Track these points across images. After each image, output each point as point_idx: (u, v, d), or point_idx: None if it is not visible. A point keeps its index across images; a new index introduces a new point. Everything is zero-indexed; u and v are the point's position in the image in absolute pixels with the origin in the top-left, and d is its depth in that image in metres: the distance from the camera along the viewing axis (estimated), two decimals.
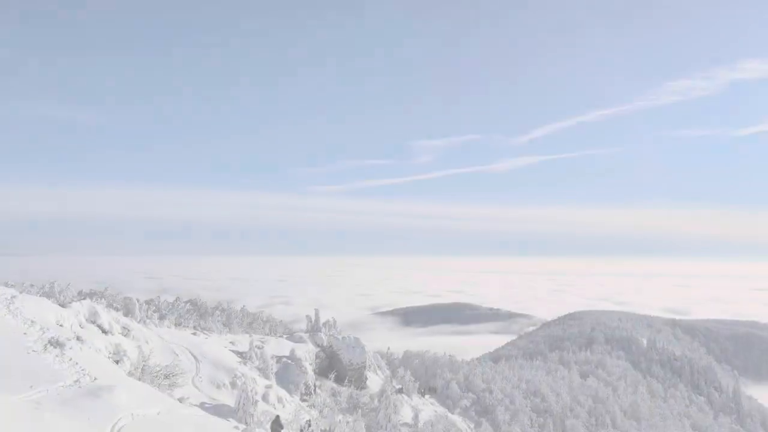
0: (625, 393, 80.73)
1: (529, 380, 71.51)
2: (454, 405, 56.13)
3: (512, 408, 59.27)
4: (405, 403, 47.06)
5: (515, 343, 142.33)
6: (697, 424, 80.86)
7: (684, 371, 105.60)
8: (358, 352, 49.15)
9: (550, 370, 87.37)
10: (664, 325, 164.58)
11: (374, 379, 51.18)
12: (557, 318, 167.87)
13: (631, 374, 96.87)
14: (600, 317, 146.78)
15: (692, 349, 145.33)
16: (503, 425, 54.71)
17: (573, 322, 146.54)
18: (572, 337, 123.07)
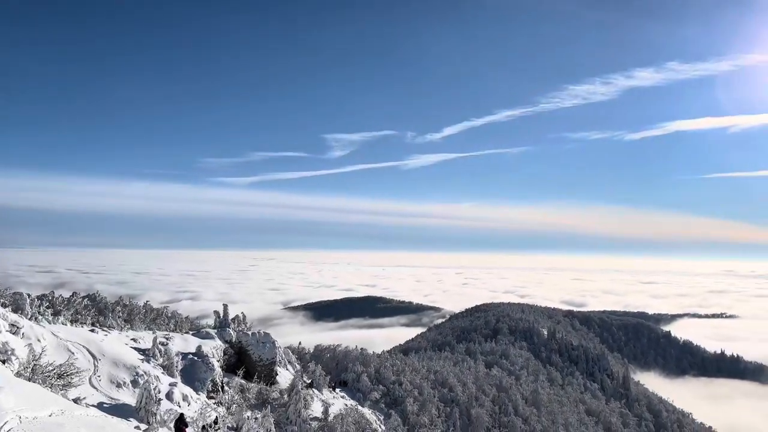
0: (526, 381, 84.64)
1: (438, 371, 73.35)
2: (365, 398, 56.61)
3: (421, 399, 60.57)
4: (315, 397, 46.90)
5: (425, 335, 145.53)
6: (591, 409, 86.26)
7: (580, 360, 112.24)
8: (268, 348, 48.36)
9: (458, 361, 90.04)
10: (563, 317, 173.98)
11: (285, 375, 50.62)
12: (465, 310, 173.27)
13: (532, 363, 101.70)
14: (505, 309, 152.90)
15: (588, 338, 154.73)
16: (411, 416, 55.82)
17: (479, 314, 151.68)
18: (478, 329, 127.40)
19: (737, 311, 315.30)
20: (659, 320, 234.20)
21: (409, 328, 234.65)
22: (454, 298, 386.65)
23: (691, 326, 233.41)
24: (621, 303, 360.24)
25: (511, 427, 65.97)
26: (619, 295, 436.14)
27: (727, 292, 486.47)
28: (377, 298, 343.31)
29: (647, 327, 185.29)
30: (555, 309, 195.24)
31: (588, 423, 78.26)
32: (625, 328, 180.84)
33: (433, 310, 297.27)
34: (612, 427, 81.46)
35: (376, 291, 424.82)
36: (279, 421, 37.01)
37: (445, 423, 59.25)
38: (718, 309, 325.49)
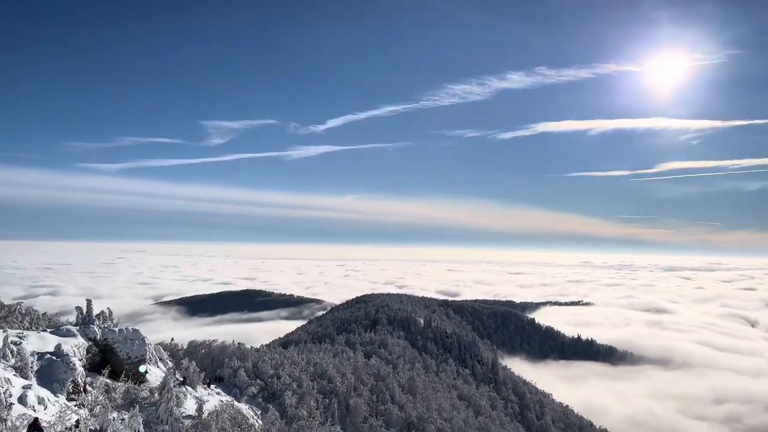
0: (403, 370, 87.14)
1: (317, 363, 73.40)
2: (242, 393, 55.34)
3: (299, 391, 60.32)
4: (189, 394, 45.10)
5: (305, 327, 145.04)
6: (462, 394, 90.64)
7: (454, 347, 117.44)
8: (137, 345, 45.70)
9: (338, 353, 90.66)
10: (438, 306, 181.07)
11: (156, 373, 48.14)
12: (346, 302, 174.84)
13: (409, 352, 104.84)
14: (384, 300, 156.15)
15: (461, 327, 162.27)
16: (290, 409, 55.44)
17: (360, 305, 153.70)
18: (358, 320, 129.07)
19: (592, 299, 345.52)
20: (525, 308, 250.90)
21: (289, 321, 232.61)
22: (336, 290, 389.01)
23: (552, 313, 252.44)
24: (491, 292, 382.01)
25: (388, 415, 67.67)
26: (490, 285, 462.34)
27: (583, 282, 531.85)
28: (257, 291, 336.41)
29: (514, 315, 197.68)
30: (431, 299, 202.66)
31: (459, 407, 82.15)
32: (495, 316, 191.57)
33: (315, 302, 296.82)
34: (481, 410, 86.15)
35: (255, 284, 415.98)
36: (149, 421, 35.18)
37: (324, 414, 59.50)
38: (575, 297, 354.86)
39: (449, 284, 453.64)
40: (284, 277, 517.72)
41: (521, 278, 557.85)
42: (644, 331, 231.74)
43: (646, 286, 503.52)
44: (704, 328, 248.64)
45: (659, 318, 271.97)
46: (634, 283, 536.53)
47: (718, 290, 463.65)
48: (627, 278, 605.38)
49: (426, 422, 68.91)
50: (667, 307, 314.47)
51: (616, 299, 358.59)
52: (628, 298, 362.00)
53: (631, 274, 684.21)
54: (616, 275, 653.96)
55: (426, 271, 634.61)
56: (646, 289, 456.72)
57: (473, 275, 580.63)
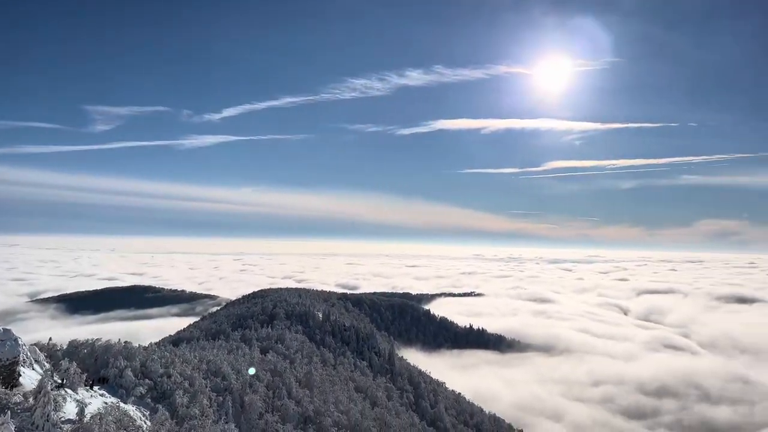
0: (300, 364, 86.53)
1: (211, 360, 71.15)
2: (128, 394, 52.47)
3: (191, 390, 58.18)
4: (69, 398, 42.14)
5: (198, 324, 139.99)
6: (359, 386, 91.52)
7: (351, 340, 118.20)
8: (8, 346, 42.01)
9: (232, 349, 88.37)
10: (337, 300, 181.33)
11: (31, 376, 44.52)
12: (242, 297, 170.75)
13: (307, 346, 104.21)
14: (282, 295, 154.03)
15: (359, 319, 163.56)
16: (181, 408, 53.33)
17: (257, 300, 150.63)
18: (255, 315, 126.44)
19: (483, 290, 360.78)
20: (421, 300, 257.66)
21: (181, 318, 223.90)
22: (232, 285, 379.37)
23: (446, 304, 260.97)
24: (389, 285, 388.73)
25: (285, 410, 66.96)
26: (388, 278, 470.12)
27: (475, 274, 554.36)
28: (145, 287, 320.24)
29: (411, 306, 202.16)
30: (330, 292, 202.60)
31: (356, 399, 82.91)
32: (392, 308, 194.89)
33: (209, 298, 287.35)
34: (378, 401, 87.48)
35: (144, 280, 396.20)
36: (22, 428, 32.53)
37: (217, 412, 57.82)
38: (468, 288, 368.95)
39: (348, 277, 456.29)
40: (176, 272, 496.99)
41: (418, 271, 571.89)
42: (530, 320, 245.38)
43: (532, 277, 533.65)
44: (583, 317, 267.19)
45: (544, 307, 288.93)
46: (522, 274, 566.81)
47: (596, 281, 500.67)
48: (515, 270, 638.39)
49: (323, 416, 68.94)
50: (551, 297, 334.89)
51: (505, 290, 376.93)
52: (516, 289, 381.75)
53: (519, 267, 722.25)
54: (506, 267, 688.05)
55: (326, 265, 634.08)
56: (532, 281, 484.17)
57: (372, 268, 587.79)
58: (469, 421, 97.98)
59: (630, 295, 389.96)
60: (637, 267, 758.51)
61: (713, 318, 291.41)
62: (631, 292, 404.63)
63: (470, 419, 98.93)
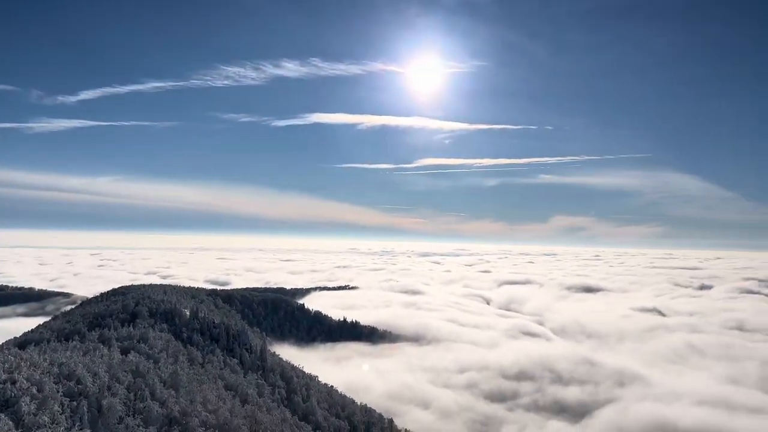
0: (165, 364, 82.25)
1: (63, 363, 65.44)
2: None
3: (40, 396, 53.12)
4: None
5: (49, 324, 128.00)
6: (229, 384, 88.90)
7: (221, 337, 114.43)
8: None
9: (89, 350, 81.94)
10: (206, 296, 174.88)
11: None
12: (99, 295, 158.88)
13: (173, 345, 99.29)
14: (145, 291, 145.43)
15: (230, 316, 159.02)
16: (28, 417, 48.52)
17: (117, 297, 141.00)
18: (115, 314, 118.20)
19: (357, 283, 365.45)
20: (295, 294, 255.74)
21: (28, 318, 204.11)
22: (88, 281, 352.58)
23: (321, 298, 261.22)
24: (262, 280, 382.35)
25: (147, 413, 63.30)
26: (261, 273, 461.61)
27: (350, 267, 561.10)
28: None
29: (284, 301, 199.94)
30: (199, 288, 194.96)
31: (226, 397, 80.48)
32: (265, 303, 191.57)
33: (62, 296, 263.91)
34: (249, 398, 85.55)
35: None
36: None
37: (71, 419, 53.36)
38: (342, 282, 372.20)
39: (219, 273, 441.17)
40: (22, 268, 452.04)
41: (292, 265, 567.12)
42: (402, 312, 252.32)
43: (404, 270, 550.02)
44: (450, 307, 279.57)
45: (414, 299, 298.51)
46: (394, 267, 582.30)
47: (462, 273, 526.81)
48: (388, 263, 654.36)
49: (189, 416, 66.16)
50: (421, 289, 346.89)
51: (379, 283, 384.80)
52: (388, 282, 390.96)
53: (392, 260, 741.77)
54: (379, 261, 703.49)
55: (194, 260, 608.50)
56: (404, 273, 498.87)
57: (244, 263, 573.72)
58: (341, 414, 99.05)
59: (492, 285, 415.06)
60: (499, 260, 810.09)
61: (564, 306, 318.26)
62: (494, 283, 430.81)
63: (342, 411, 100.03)
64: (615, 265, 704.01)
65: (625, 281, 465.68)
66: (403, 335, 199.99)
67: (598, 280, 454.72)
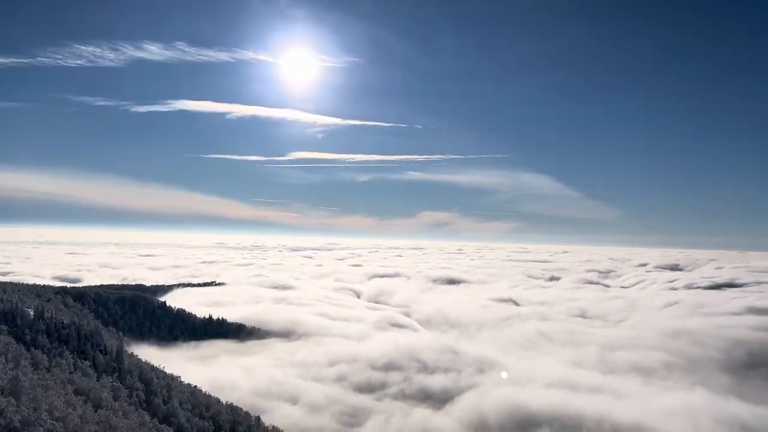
0: (5, 370, 74.09)
1: None
2: None
3: None
4: None
5: None
6: (80, 389, 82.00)
7: (71, 338, 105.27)
8: None
9: None
10: (54, 294, 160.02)
11: None
12: None
13: (14, 348, 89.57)
14: None
15: (82, 315, 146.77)
16: None
17: None
18: None
19: (224, 279, 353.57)
20: (156, 291, 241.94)
21: None
22: None
23: (184, 295, 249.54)
24: (119, 276, 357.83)
25: None
26: (118, 269, 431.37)
27: (217, 263, 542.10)
28: None
29: (144, 299, 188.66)
30: (45, 286, 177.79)
31: (76, 403, 74.17)
32: (122, 301, 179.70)
33: None
34: (102, 402, 79.50)
35: None
36: None
37: None
38: (208, 278, 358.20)
39: (69, 269, 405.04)
40: None
41: (153, 260, 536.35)
42: (272, 307, 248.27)
43: (274, 265, 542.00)
44: (321, 301, 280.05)
45: (285, 294, 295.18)
46: (264, 262, 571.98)
47: (334, 267, 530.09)
48: (258, 258, 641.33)
49: (33, 425, 60.14)
50: (292, 284, 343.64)
51: (248, 278, 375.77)
52: (258, 277, 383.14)
53: (262, 254, 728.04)
54: (248, 256, 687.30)
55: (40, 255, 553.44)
56: (275, 268, 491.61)
57: (99, 258, 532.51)
58: (205, 414, 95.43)
59: (363, 279, 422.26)
60: (369, 253, 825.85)
61: (429, 298, 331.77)
62: (364, 276, 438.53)
63: (206, 411, 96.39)
64: (476, 259, 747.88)
65: (484, 273, 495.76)
66: (273, 331, 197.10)
67: (460, 273, 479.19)
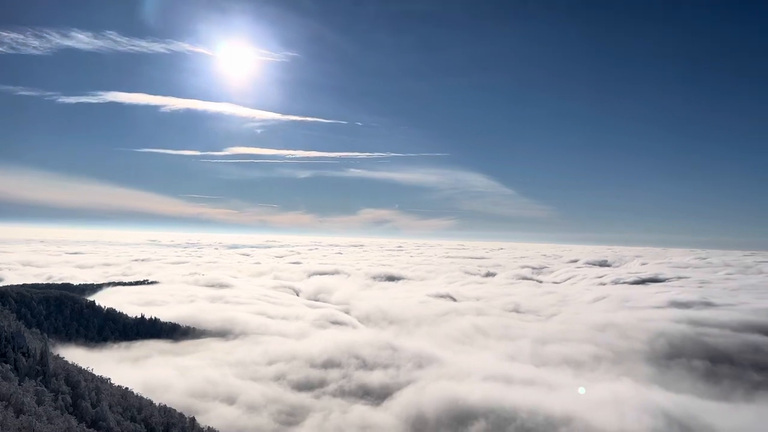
0: None
1: None
2: None
3: None
4: None
5: None
6: (1, 393, 77.63)
7: None
8: None
9: None
10: None
11: None
12: None
13: None
14: None
15: (2, 316, 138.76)
16: None
17: None
18: None
19: (158, 277, 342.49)
20: (84, 291, 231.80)
21: None
22: None
23: (115, 294, 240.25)
24: (44, 275, 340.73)
25: None
26: (42, 267, 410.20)
27: (150, 260, 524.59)
28: None
29: (71, 298, 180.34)
30: None
31: None
32: (47, 301, 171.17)
33: None
34: (25, 407, 75.34)
35: None
36: None
37: None
38: (141, 276, 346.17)
39: None
40: None
41: (81, 258, 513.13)
42: (207, 306, 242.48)
43: (211, 262, 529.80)
44: (260, 300, 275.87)
45: (222, 293, 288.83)
46: (200, 260, 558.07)
47: (272, 265, 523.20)
48: (193, 256, 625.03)
49: None
50: (229, 282, 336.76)
51: (182, 276, 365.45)
52: (193, 275, 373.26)
53: (198, 252, 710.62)
54: (183, 253, 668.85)
55: None
56: (211, 266, 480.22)
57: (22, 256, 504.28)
58: (137, 416, 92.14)
59: (302, 277, 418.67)
60: (309, 251, 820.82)
61: (369, 294, 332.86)
62: (303, 274, 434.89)
63: (138, 414, 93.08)
64: (415, 255, 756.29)
65: (423, 270, 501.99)
66: (209, 330, 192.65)
67: (399, 270, 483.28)
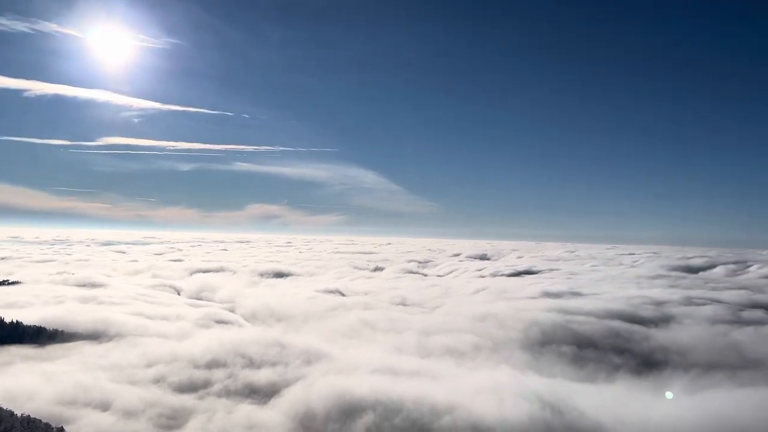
0: None
1: None
2: None
3: None
4: None
5: None
6: None
7: None
8: None
9: None
10: None
11: None
12: None
13: None
14: None
15: None
16: None
17: None
18: None
19: (20, 277, 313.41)
20: None
21: None
22: None
23: None
24: None
25: None
26: None
27: (10, 259, 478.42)
28: None
29: None
30: None
31: None
32: None
33: None
34: None
35: None
36: None
37: None
38: (0, 276, 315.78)
39: None
40: None
41: None
42: (78, 307, 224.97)
43: (81, 261, 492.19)
44: (137, 299, 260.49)
45: (94, 293, 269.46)
46: (69, 258, 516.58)
47: (151, 262, 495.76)
48: (61, 253, 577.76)
49: None
50: (103, 281, 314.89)
51: (49, 276, 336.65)
52: (61, 275, 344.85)
53: (66, 249, 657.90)
54: (49, 251, 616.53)
55: None
56: (82, 264, 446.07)
57: None
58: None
59: (184, 275, 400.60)
60: (192, 247, 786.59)
61: (255, 292, 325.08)
62: (185, 272, 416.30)
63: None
64: (304, 251, 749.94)
65: (312, 266, 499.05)
66: (79, 333, 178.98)
67: (288, 266, 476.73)
